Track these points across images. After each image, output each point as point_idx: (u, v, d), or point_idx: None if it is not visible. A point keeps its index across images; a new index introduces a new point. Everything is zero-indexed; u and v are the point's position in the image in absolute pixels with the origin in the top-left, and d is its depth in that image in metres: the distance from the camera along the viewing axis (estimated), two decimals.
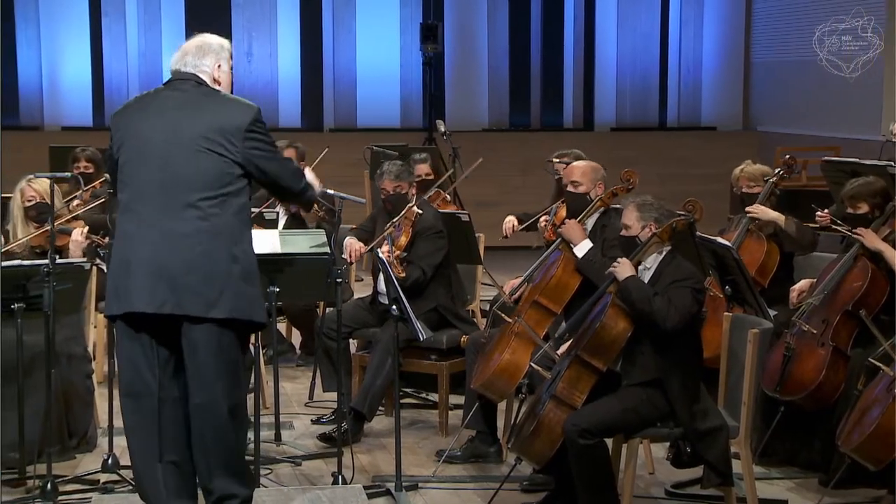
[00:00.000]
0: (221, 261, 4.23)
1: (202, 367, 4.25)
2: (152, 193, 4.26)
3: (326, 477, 5.39)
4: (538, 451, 4.79)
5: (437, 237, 6.32)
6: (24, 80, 12.74)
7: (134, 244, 4.24)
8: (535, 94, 13.31)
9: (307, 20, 13.03)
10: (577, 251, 5.48)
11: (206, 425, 4.27)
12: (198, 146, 4.25)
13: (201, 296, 4.19)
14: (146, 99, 4.46)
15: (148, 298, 4.19)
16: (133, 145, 4.32)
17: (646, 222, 4.88)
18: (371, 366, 6.10)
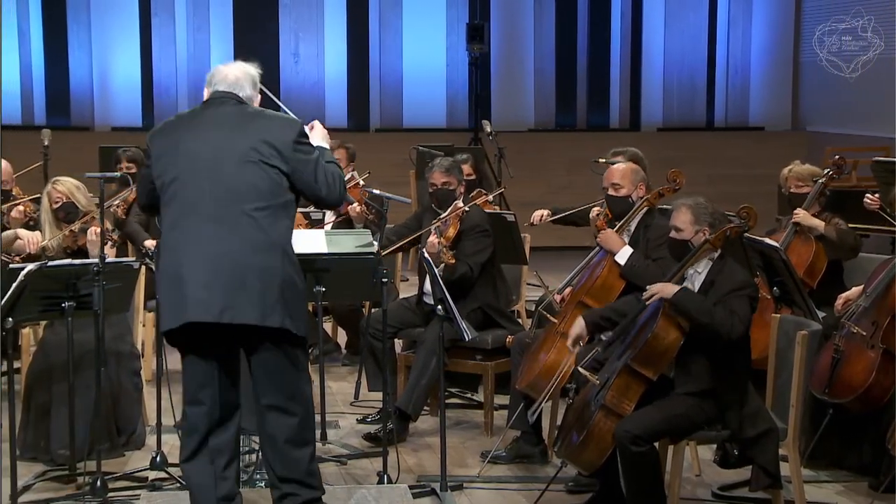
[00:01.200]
0: (276, 270, 4.27)
1: (266, 372, 4.31)
2: (204, 206, 4.28)
3: (372, 476, 5.40)
4: (588, 460, 4.77)
5: (483, 236, 6.32)
6: (75, 82, 12.89)
7: (186, 257, 4.26)
8: (581, 94, 13.26)
9: (354, 21, 13.07)
10: (618, 259, 5.45)
11: (274, 427, 4.33)
12: (249, 158, 4.29)
13: (257, 305, 4.23)
14: (188, 117, 4.52)
15: (205, 308, 4.23)
16: (180, 162, 4.34)
17: (700, 227, 4.80)
18: (416, 365, 6.11)
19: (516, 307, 7.01)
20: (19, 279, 4.79)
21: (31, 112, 12.87)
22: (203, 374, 4.34)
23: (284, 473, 4.36)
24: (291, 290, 4.30)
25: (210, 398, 4.33)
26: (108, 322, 5.39)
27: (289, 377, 4.36)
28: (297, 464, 4.37)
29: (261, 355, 4.33)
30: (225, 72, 4.50)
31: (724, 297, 4.65)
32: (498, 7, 13.17)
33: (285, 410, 4.34)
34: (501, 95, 13.19)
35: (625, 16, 13.21)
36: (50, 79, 12.87)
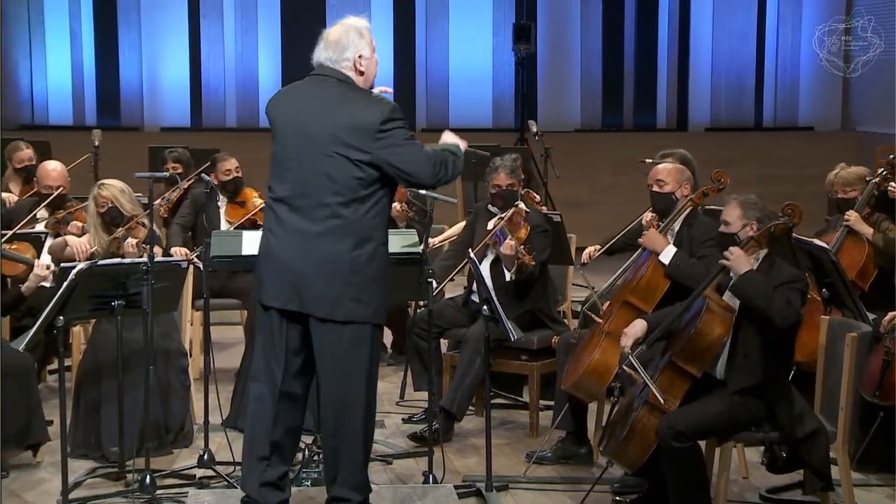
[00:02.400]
0: (346, 262, 4.28)
1: (332, 365, 4.32)
2: (288, 191, 4.33)
3: (417, 476, 5.41)
4: (631, 457, 4.75)
5: (545, 235, 6.32)
6: (125, 83, 13.03)
7: (271, 240, 4.35)
8: (627, 93, 13.21)
9: (401, 21, 13.10)
10: (662, 258, 5.43)
11: (336, 421, 4.34)
12: (328, 151, 4.28)
13: (324, 297, 4.27)
14: (292, 93, 4.49)
15: (275, 293, 4.31)
16: (278, 140, 4.40)
17: (748, 221, 4.81)
18: (460, 365, 6.11)
19: (562, 307, 6.99)
20: (70, 278, 4.85)
21: (81, 113, 13.02)
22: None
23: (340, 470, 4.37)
24: (364, 281, 4.30)
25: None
26: (157, 321, 5.42)
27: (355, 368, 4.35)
28: None
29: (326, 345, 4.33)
30: (326, 40, 4.44)
31: (779, 287, 4.63)
32: (544, 7, 13.14)
33: (348, 402, 4.34)
34: (547, 95, 13.17)
35: (672, 15, 13.14)
36: (100, 80, 13.01)
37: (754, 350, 4.65)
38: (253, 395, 4.44)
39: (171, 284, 5.36)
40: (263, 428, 4.38)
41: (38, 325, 4.85)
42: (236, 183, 7.38)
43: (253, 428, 4.42)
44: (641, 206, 6.60)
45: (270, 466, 4.39)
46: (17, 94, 13.06)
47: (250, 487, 4.41)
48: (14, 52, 13.00)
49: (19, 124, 12.81)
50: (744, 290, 4.62)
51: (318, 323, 4.30)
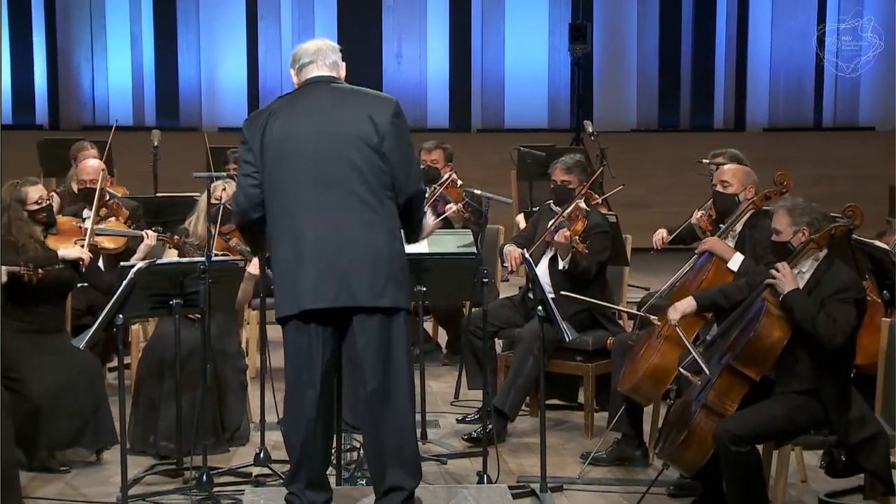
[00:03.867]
0: (384, 251, 4.30)
1: (377, 355, 4.31)
2: (313, 192, 4.30)
3: (472, 476, 5.41)
4: (689, 460, 4.72)
5: (604, 236, 6.30)
6: (183, 83, 13.17)
7: (298, 243, 4.29)
8: (684, 93, 13.12)
9: (456, 21, 13.11)
10: (731, 265, 5.39)
11: (382, 411, 4.32)
12: (350, 140, 4.30)
13: (370, 286, 4.27)
14: (286, 104, 4.44)
15: (321, 294, 4.26)
16: (283, 148, 4.33)
17: (798, 227, 4.75)
18: (513, 365, 6.10)
19: None
20: (129, 277, 4.90)
21: (141, 113, 13.18)
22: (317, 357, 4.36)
23: (387, 461, 4.36)
24: (399, 270, 4.33)
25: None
26: (214, 320, 5.47)
27: (396, 357, 4.36)
28: None
29: (370, 335, 4.33)
30: (305, 46, 4.49)
31: (829, 299, 4.57)
32: (601, 7, 13.10)
33: (391, 392, 4.34)
34: (603, 95, 13.12)
35: (730, 14, 13.04)
36: (160, 80, 13.16)
37: (810, 355, 4.60)
38: (294, 402, 4.39)
39: (228, 284, 5.40)
40: (306, 433, 4.36)
41: (98, 323, 4.91)
42: None
43: (295, 436, 4.38)
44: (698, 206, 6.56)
45: (314, 470, 4.39)
46: (78, 96, 13.25)
47: (296, 489, 4.40)
48: (76, 55, 13.19)
49: (81, 125, 12.99)
50: (789, 309, 4.58)
51: (363, 314, 4.30)
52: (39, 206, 5.67)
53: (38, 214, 5.68)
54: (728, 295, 4.99)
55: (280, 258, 4.34)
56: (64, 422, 5.40)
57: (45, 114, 13.25)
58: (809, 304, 4.58)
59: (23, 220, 5.62)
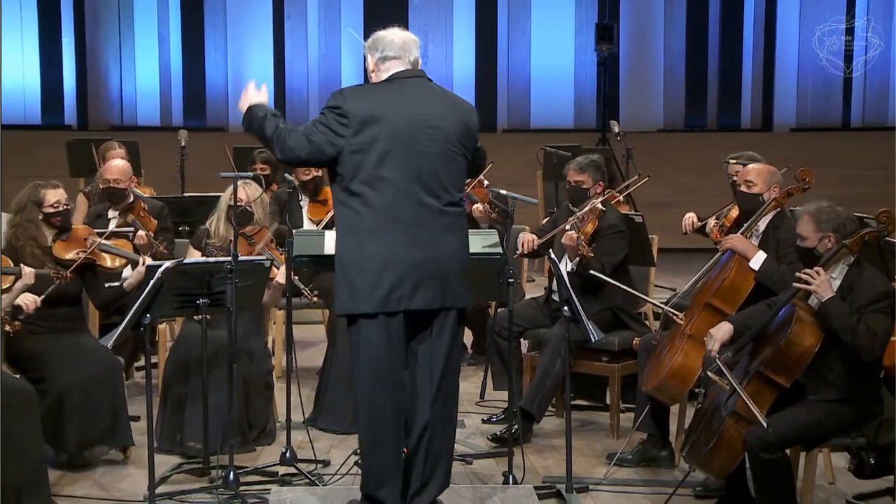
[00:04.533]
0: (466, 254, 4.40)
1: (447, 354, 4.35)
2: (420, 192, 4.28)
3: (497, 476, 5.41)
4: (719, 466, 4.70)
5: (620, 236, 6.28)
6: (210, 84, 13.23)
7: (400, 242, 4.26)
8: (711, 94, 13.08)
9: (483, 21, 13.12)
10: (752, 264, 5.36)
11: (444, 412, 4.35)
12: (452, 144, 4.34)
13: (457, 288, 4.33)
14: (385, 92, 4.36)
15: (430, 295, 4.27)
16: (395, 139, 4.25)
17: (824, 233, 4.69)
18: (540, 366, 6.10)
19: (643, 309, 6.95)
20: (157, 276, 4.93)
21: (168, 113, 13.25)
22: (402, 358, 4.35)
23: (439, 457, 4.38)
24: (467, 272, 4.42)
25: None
26: (241, 319, 5.49)
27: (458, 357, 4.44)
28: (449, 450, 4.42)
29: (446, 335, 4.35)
30: (390, 37, 4.43)
31: (865, 309, 4.53)
32: (627, 6, 13.07)
33: (455, 390, 4.39)
34: (630, 96, 13.09)
35: (758, 14, 12.98)
36: (187, 81, 13.23)
37: (843, 363, 4.56)
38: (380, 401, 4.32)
39: (254, 283, 5.42)
40: (397, 435, 4.33)
41: (126, 322, 4.93)
42: (316, 182, 7.44)
43: (387, 436, 4.32)
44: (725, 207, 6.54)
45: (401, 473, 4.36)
46: (106, 96, 13.34)
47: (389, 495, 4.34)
48: (104, 56, 13.28)
49: (109, 125, 13.08)
50: (828, 319, 4.53)
51: (443, 314, 4.33)
52: (55, 210, 5.69)
53: (53, 218, 5.69)
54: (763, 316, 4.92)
55: (372, 252, 4.26)
56: (89, 418, 5.43)
57: (74, 114, 13.34)
58: (847, 313, 4.51)
59: (33, 223, 5.64)
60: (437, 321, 4.33)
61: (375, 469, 4.34)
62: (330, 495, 4.81)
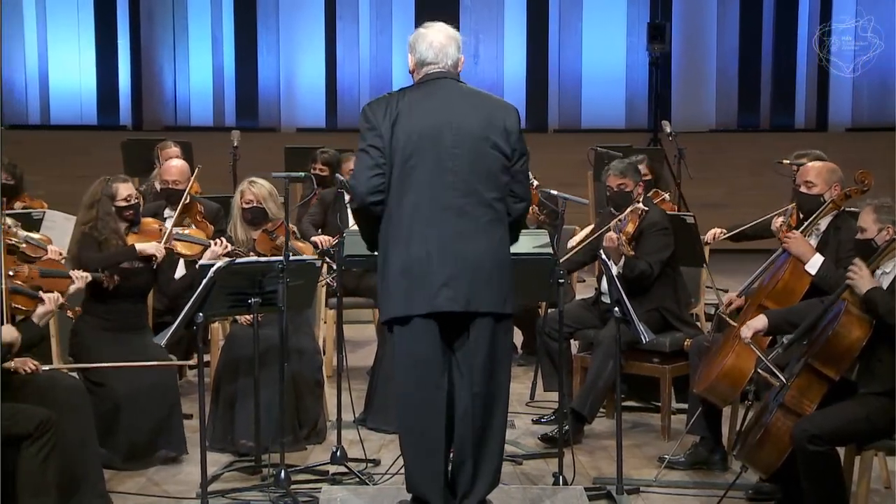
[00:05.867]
0: (507, 259, 4.34)
1: (487, 359, 4.30)
2: (443, 194, 4.27)
3: (547, 477, 5.40)
4: (765, 460, 4.67)
5: (664, 234, 6.25)
6: (263, 84, 13.33)
7: (429, 244, 4.25)
8: (765, 93, 12.97)
9: (534, 22, 13.10)
10: (808, 268, 5.30)
11: (484, 416, 4.32)
12: (484, 143, 4.29)
13: (498, 292, 4.29)
14: (411, 95, 4.37)
15: (454, 297, 4.24)
16: (420, 144, 4.26)
17: (883, 225, 4.70)
18: (592, 367, 6.08)
19: (695, 310, 6.90)
20: (209, 276, 4.97)
21: (221, 114, 13.37)
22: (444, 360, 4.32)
23: (481, 463, 4.36)
24: (512, 276, 4.37)
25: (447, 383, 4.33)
26: (291, 318, 5.52)
27: (506, 363, 4.40)
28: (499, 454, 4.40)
29: (487, 340, 4.32)
30: (430, 37, 4.44)
31: None
32: (680, 5, 12.99)
33: (499, 397, 4.35)
34: (682, 95, 13.02)
35: (812, 12, 12.84)
36: (240, 82, 13.34)
37: (886, 354, 4.53)
38: (418, 405, 4.32)
39: (305, 283, 5.44)
40: (440, 436, 4.31)
41: (179, 321, 4.98)
42: None
43: (425, 437, 4.32)
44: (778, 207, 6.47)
45: (444, 474, 4.35)
46: (161, 97, 13.48)
47: (432, 495, 4.34)
48: (159, 56, 13.42)
49: (163, 125, 13.21)
50: (872, 305, 4.52)
51: (483, 319, 4.29)
52: (127, 204, 5.79)
53: (125, 211, 5.79)
54: (801, 314, 4.89)
55: (407, 256, 4.27)
56: (143, 423, 5.49)
57: (129, 115, 13.50)
58: (891, 298, 4.50)
59: (110, 215, 5.74)
60: (474, 325, 4.30)
61: (414, 469, 4.36)
62: (380, 495, 4.82)
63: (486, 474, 4.36)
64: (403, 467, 4.46)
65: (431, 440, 4.31)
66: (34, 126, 13.30)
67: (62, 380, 5.01)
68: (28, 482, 4.49)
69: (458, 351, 4.33)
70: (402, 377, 4.35)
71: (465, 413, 4.31)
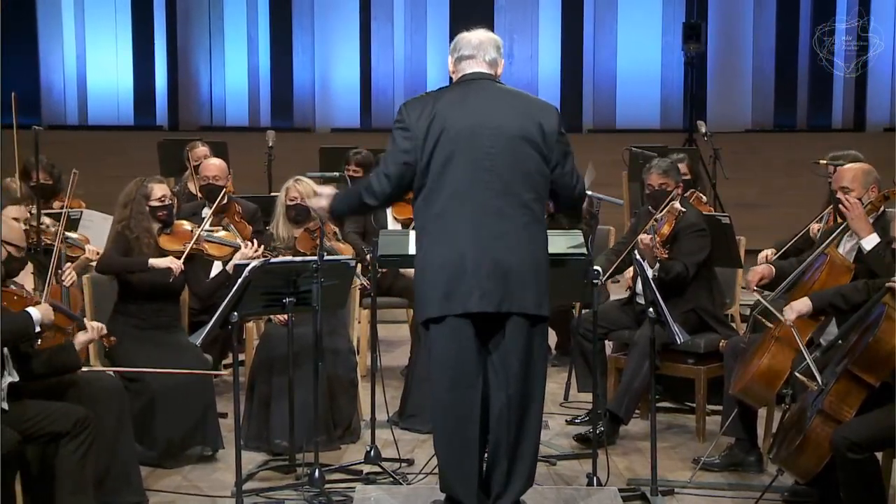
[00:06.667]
0: (544, 261, 4.34)
1: (522, 362, 4.30)
2: (480, 194, 4.26)
3: (581, 478, 5.39)
4: (804, 466, 4.63)
5: (700, 235, 6.22)
6: (298, 85, 13.38)
7: (465, 244, 4.25)
8: (801, 93, 12.89)
9: (568, 21, 13.07)
10: (864, 244, 5.22)
11: (519, 419, 4.32)
12: (521, 144, 4.28)
13: (534, 294, 4.28)
14: (448, 96, 4.38)
15: (488, 298, 4.23)
16: (456, 144, 4.26)
17: None
18: (628, 368, 6.06)
19: (730, 311, 6.86)
20: (244, 275, 4.99)
21: (256, 114, 13.43)
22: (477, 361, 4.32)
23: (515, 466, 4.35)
24: (547, 278, 4.36)
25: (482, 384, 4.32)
26: (326, 318, 5.54)
27: (542, 366, 4.39)
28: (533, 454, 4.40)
29: (522, 341, 4.31)
30: (468, 37, 4.45)
31: None
32: (716, 5, 12.93)
33: (533, 399, 4.35)
34: (718, 95, 12.96)
35: (850, 11, 12.74)
36: (275, 82, 13.40)
37: None
38: (453, 404, 4.32)
39: (339, 283, 5.45)
40: (474, 436, 4.31)
41: (214, 320, 5.00)
42: None
43: (458, 436, 4.32)
44: (815, 208, 6.44)
45: (478, 474, 4.35)
46: (196, 97, 13.56)
47: (464, 494, 4.34)
48: (195, 57, 13.50)
49: (198, 126, 13.29)
50: None
51: (520, 320, 4.29)
52: (161, 204, 5.84)
53: (159, 212, 5.84)
54: (846, 296, 4.88)
55: (436, 255, 4.28)
56: (179, 418, 5.53)
57: (165, 115, 13.59)
58: None
59: (143, 215, 5.79)
60: (508, 326, 4.29)
61: (448, 469, 4.36)
62: (414, 494, 4.83)
63: (520, 475, 4.35)
64: (437, 467, 4.46)
65: (466, 440, 4.31)
66: (72, 126, 13.42)
67: (99, 378, 5.05)
68: (66, 479, 4.53)
69: (494, 352, 4.32)
70: (437, 377, 4.35)
71: (500, 414, 4.31)
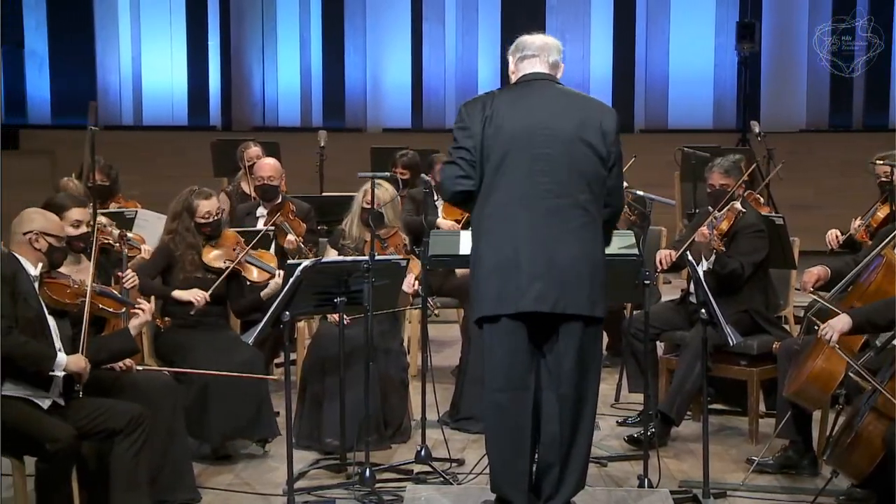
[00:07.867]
0: (600, 262, 4.32)
1: (576, 363, 4.29)
2: (536, 194, 4.27)
3: (632, 479, 5.36)
4: (855, 465, 4.58)
5: (758, 236, 6.18)
6: (349, 85, 13.44)
7: (520, 244, 4.25)
8: (857, 93, 12.73)
9: (621, 21, 13.02)
10: None
11: (573, 422, 4.31)
12: (579, 144, 4.28)
13: (588, 295, 4.27)
14: (507, 95, 4.40)
15: (542, 298, 4.23)
16: (513, 143, 4.27)
17: None
18: (680, 369, 6.02)
19: (784, 312, 6.80)
20: (296, 275, 5.02)
21: (308, 114, 13.50)
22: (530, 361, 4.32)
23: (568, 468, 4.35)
24: (603, 280, 4.34)
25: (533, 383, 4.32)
26: (377, 318, 5.55)
27: (596, 367, 4.37)
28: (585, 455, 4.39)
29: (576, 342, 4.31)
30: (531, 39, 4.47)
31: None
32: (770, 4, 12.81)
33: (587, 400, 4.34)
34: (771, 95, 12.84)
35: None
36: (327, 82, 13.46)
37: None
38: (505, 405, 4.32)
39: (391, 283, 5.47)
40: (526, 437, 4.32)
41: (266, 319, 5.04)
42: None
43: (514, 435, 4.33)
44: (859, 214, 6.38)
45: (529, 475, 4.35)
46: (249, 97, 13.66)
47: (515, 495, 4.34)
48: (248, 57, 13.60)
49: (251, 126, 13.39)
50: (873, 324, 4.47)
51: (572, 321, 4.28)
52: (206, 221, 5.88)
53: (203, 227, 5.88)
54: (884, 314, 4.78)
55: (491, 254, 4.29)
56: (234, 409, 5.56)
57: (219, 115, 13.70)
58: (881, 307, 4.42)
59: (189, 231, 5.85)
60: (562, 328, 4.28)
61: (498, 469, 4.36)
62: (464, 494, 4.83)
63: (571, 477, 4.34)
64: (488, 467, 4.46)
65: (517, 441, 4.31)
66: (127, 127, 13.57)
67: (153, 376, 5.10)
68: (120, 477, 4.58)
69: (548, 353, 4.32)
70: (490, 377, 4.36)
71: (553, 415, 4.30)
